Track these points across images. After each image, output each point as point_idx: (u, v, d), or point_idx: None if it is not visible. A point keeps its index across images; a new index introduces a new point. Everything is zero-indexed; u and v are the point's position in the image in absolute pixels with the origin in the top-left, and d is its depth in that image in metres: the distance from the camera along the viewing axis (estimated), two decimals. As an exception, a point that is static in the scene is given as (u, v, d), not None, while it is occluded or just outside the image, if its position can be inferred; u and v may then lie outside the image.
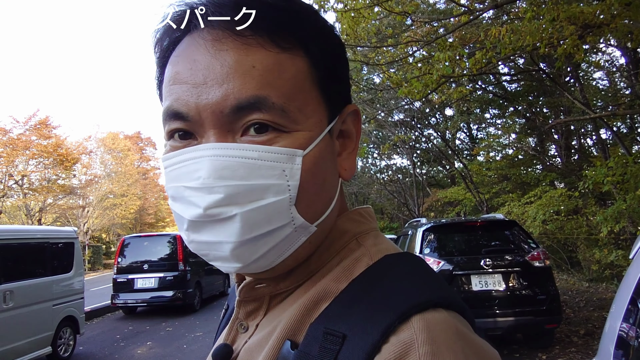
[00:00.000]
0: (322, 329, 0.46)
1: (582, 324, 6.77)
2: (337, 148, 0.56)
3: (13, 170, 24.27)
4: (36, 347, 6.17)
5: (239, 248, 0.49)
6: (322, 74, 0.52)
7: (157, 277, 10.57)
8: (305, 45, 0.51)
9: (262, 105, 0.47)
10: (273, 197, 0.48)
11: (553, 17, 6.37)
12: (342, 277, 0.52)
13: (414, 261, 0.54)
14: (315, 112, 0.51)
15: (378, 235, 0.58)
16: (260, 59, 0.48)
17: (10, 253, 6.01)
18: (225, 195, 0.47)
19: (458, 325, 0.45)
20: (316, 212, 0.52)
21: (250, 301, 0.57)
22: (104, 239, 36.29)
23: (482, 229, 6.30)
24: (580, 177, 11.05)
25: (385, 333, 0.42)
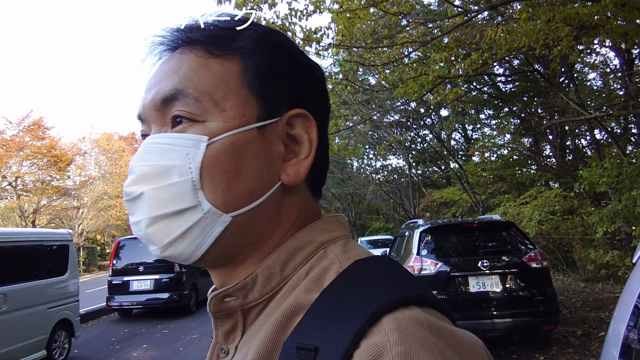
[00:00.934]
0: (295, 345, 0.45)
1: (579, 325, 6.78)
2: (280, 151, 0.57)
3: (7, 171, 24.14)
4: (31, 351, 6.12)
5: (151, 226, 0.53)
6: (254, 79, 0.57)
7: (152, 279, 10.51)
8: (240, 53, 0.57)
9: (180, 95, 0.54)
10: (177, 177, 0.53)
11: (549, 18, 6.38)
12: (313, 287, 0.52)
13: (385, 264, 0.53)
14: (237, 108, 0.55)
15: (348, 243, 0.58)
16: (189, 62, 0.57)
17: (4, 256, 5.96)
18: (137, 175, 0.54)
19: (431, 319, 0.43)
20: (227, 200, 0.54)
21: (224, 318, 0.58)
22: (98, 240, 36.12)
23: (479, 230, 6.29)
24: (575, 177, 11.09)
25: (355, 338, 0.41)
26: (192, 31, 0.58)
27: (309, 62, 0.63)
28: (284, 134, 0.58)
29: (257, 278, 0.55)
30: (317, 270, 0.53)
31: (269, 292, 0.55)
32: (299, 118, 0.58)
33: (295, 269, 0.55)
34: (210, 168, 0.53)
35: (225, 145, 0.53)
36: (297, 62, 0.61)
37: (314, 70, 0.63)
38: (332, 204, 29.48)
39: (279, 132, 0.57)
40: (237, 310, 0.56)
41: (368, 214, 33.29)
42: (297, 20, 7.35)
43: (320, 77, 0.63)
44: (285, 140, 0.58)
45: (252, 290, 0.55)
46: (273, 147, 0.57)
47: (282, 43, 0.61)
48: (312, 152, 0.58)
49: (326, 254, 0.55)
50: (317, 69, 0.63)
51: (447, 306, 0.49)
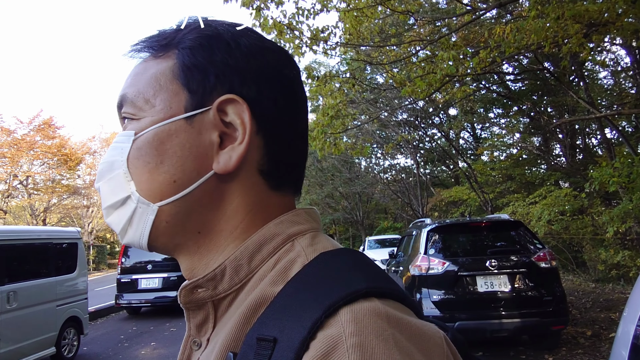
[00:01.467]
0: (255, 336, 0.46)
1: (589, 325, 6.71)
2: (212, 140, 0.57)
3: (17, 170, 24.37)
4: (40, 348, 6.17)
5: (108, 217, 0.60)
6: (182, 71, 0.58)
7: (161, 278, 10.57)
8: (177, 50, 0.60)
9: (123, 100, 0.60)
10: (116, 170, 0.58)
11: (558, 16, 6.32)
12: (278, 279, 0.52)
13: (350, 256, 0.53)
14: (165, 101, 0.57)
15: (316, 236, 0.58)
16: (134, 68, 0.62)
17: (14, 253, 6.01)
18: (98, 171, 0.61)
19: (390, 311, 0.43)
20: (151, 190, 0.56)
21: (194, 309, 0.58)
22: (108, 238, 36.39)
23: (488, 230, 6.24)
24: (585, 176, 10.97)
25: (312, 329, 0.42)
26: (150, 38, 0.63)
27: (257, 49, 0.61)
28: (219, 122, 0.57)
29: (226, 270, 0.56)
30: (283, 263, 0.54)
31: (237, 283, 0.55)
32: (230, 104, 0.57)
33: (262, 261, 0.55)
34: (134, 159, 0.57)
35: (148, 138, 0.57)
36: (238, 50, 0.60)
37: (264, 55, 0.61)
38: (340, 203, 29.45)
39: (211, 120, 0.57)
40: (207, 302, 0.57)
41: (376, 213, 33.21)
42: (305, 19, 7.34)
43: (273, 61, 0.61)
44: (223, 129, 0.57)
45: (221, 281, 0.56)
46: (204, 136, 0.56)
47: (220, 34, 0.60)
48: (245, 137, 0.56)
49: (293, 246, 0.56)
50: (270, 54, 0.61)
51: (410, 297, 0.49)
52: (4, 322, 5.55)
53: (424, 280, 5.68)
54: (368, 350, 0.39)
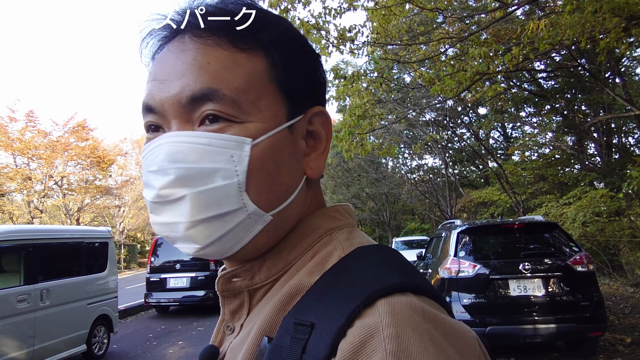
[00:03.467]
0: (292, 321, 0.47)
1: (628, 332, 6.42)
2: (303, 147, 0.59)
3: (53, 171, 25.10)
4: (72, 345, 6.29)
5: (191, 229, 0.52)
6: (281, 75, 0.56)
7: (188, 277, 10.70)
8: (265, 47, 0.56)
9: (213, 97, 0.52)
10: (222, 180, 0.51)
11: (595, 9, 6.07)
12: (315, 270, 0.54)
13: (385, 251, 0.55)
14: (270, 107, 0.55)
15: (353, 231, 0.60)
16: (216, 56, 0.53)
17: (47, 252, 6.15)
18: (175, 176, 0.51)
19: (426, 307, 0.44)
20: (269, 201, 0.54)
21: (230, 297, 0.59)
22: (138, 238, 37.19)
23: (521, 231, 6.03)
24: (622, 177, 10.56)
25: (349, 317, 0.43)
26: (212, 18, 0.55)
27: (317, 55, 0.63)
28: (305, 130, 0.59)
29: (265, 261, 0.57)
30: (321, 255, 0.55)
31: (274, 274, 0.57)
32: (319, 115, 0.60)
33: (301, 253, 0.57)
34: (255, 170, 0.53)
35: (265, 146, 0.53)
36: (313, 56, 0.62)
37: (320, 62, 0.63)
38: (367, 203, 29.25)
39: (301, 129, 0.59)
40: (243, 291, 0.58)
41: (403, 214, 32.85)
42: (332, 19, 7.29)
43: (323, 69, 0.64)
44: (304, 136, 0.59)
45: (259, 272, 0.57)
46: (298, 144, 0.58)
47: (300, 36, 0.61)
48: (327, 147, 0.61)
49: (331, 240, 0.57)
50: (320, 60, 0.63)
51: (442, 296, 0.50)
52: (38, 319, 5.67)
53: (454, 283, 5.52)
54: (404, 342, 0.40)
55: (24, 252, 5.72)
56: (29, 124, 23.57)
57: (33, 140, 23.62)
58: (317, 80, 0.62)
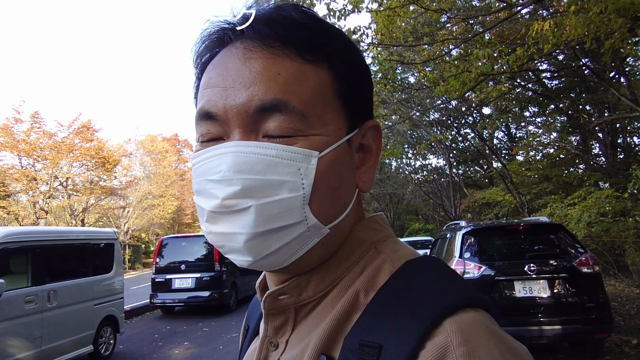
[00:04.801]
0: (357, 341, 0.48)
1: (634, 333, 6.40)
2: (356, 160, 0.59)
3: (58, 172, 25.22)
4: (79, 346, 6.34)
5: (251, 240, 0.52)
6: (344, 88, 0.56)
7: (194, 278, 10.73)
8: (330, 60, 0.56)
9: (283, 108, 0.51)
10: (287, 193, 0.51)
11: (600, 10, 6.06)
12: (369, 286, 0.54)
13: (434, 265, 0.56)
14: (334, 120, 0.55)
15: (396, 242, 0.61)
16: (286, 68, 0.53)
17: (54, 253, 6.19)
18: (242, 187, 0.51)
19: (488, 323, 0.47)
20: (329, 214, 0.54)
21: (276, 314, 0.59)
22: (143, 238, 37.28)
23: (526, 233, 6.03)
24: (627, 177, 10.53)
25: (421, 339, 0.44)
26: (284, 28, 0.55)
27: (369, 69, 0.63)
28: (358, 143, 0.59)
29: (312, 277, 0.57)
30: (370, 269, 0.56)
31: (322, 290, 0.57)
32: (372, 129, 0.61)
33: (348, 268, 0.57)
34: (320, 184, 0.52)
35: (330, 160, 0.53)
36: (368, 70, 0.62)
37: (371, 76, 0.63)
38: (371, 204, 29.25)
39: (356, 142, 0.59)
40: (290, 308, 0.58)
41: (407, 214, 32.83)
42: (336, 20, 7.29)
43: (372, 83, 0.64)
44: (357, 149, 0.60)
45: (306, 288, 0.57)
46: (354, 157, 0.59)
47: (359, 50, 0.62)
48: (376, 160, 0.61)
49: (377, 253, 0.58)
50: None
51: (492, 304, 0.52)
52: (45, 320, 5.72)
53: (459, 285, 5.52)
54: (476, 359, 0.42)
55: (32, 253, 5.77)
56: (34, 125, 23.71)
57: (38, 141, 23.75)
58: (370, 94, 0.62)
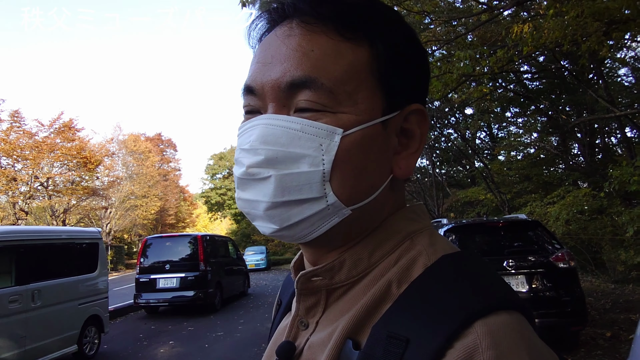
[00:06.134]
0: (385, 332, 0.47)
1: (608, 327, 6.62)
2: (394, 145, 0.57)
3: (39, 172, 24.84)
4: (63, 345, 6.31)
5: (271, 209, 0.54)
6: (383, 68, 0.55)
7: (178, 277, 10.71)
8: (370, 38, 0.55)
9: (312, 85, 0.52)
10: (307, 167, 0.52)
11: (577, 14, 6.25)
12: (402, 278, 0.53)
13: (471, 261, 0.54)
14: (367, 100, 0.54)
15: (433, 234, 0.58)
16: (320, 44, 0.53)
17: (37, 253, 6.15)
18: (265, 157, 0.53)
19: (522, 328, 0.46)
20: (352, 195, 0.54)
21: (308, 294, 0.59)
22: (125, 239, 36.87)
23: (505, 230, 6.20)
24: (604, 176, 10.81)
25: (449, 338, 0.43)
26: (321, 4, 0.55)
27: (425, 55, 0.61)
28: (399, 127, 0.57)
29: (345, 262, 0.57)
30: (404, 261, 0.54)
31: (354, 276, 0.56)
32: (415, 113, 0.58)
33: (382, 257, 0.56)
34: (342, 162, 0.52)
35: (356, 139, 0.53)
36: (419, 51, 0.59)
37: (427, 58, 0.61)
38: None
39: (396, 125, 0.57)
40: (322, 290, 0.58)
41: (391, 213, 32.98)
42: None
43: (428, 65, 0.62)
44: (398, 133, 0.58)
45: (339, 272, 0.57)
46: (390, 141, 0.57)
47: (409, 29, 0.59)
48: (421, 147, 0.58)
49: (413, 244, 0.56)
50: (427, 57, 0.61)
51: (527, 305, 0.51)
52: (29, 320, 5.69)
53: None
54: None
55: (15, 253, 5.74)
56: (14, 124, 23.34)
57: (18, 140, 23.39)
58: (420, 77, 0.60)
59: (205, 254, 10.99)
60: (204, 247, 11.13)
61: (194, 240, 11.37)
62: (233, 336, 8.31)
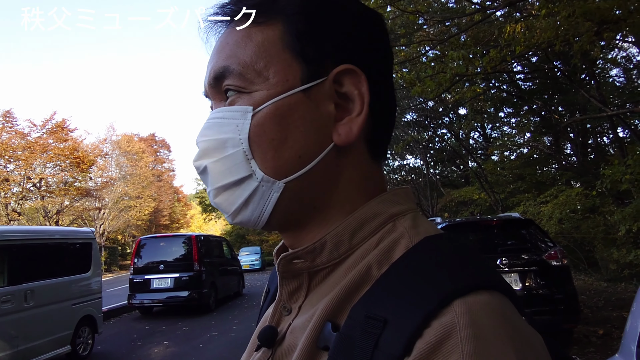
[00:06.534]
0: (363, 313, 0.47)
1: (601, 324, 6.67)
2: (329, 112, 0.56)
3: (31, 173, 24.69)
4: (56, 346, 6.28)
5: (217, 197, 0.57)
6: (297, 39, 0.55)
7: (172, 278, 10.68)
8: (283, 15, 0.56)
9: (226, 72, 0.56)
10: (231, 149, 0.55)
11: (569, 14, 6.29)
12: (383, 260, 0.52)
13: (453, 243, 0.53)
14: (279, 73, 0.55)
15: (417, 217, 0.57)
16: (233, 36, 0.57)
17: (30, 253, 6.12)
18: (200, 149, 0.58)
19: (502, 307, 0.44)
20: (277, 168, 0.55)
21: (290, 278, 0.59)
22: (119, 240, 36.70)
23: (498, 228, 6.24)
24: (597, 175, 10.90)
25: (427, 318, 0.42)
26: (239, 2, 0.58)
27: (365, 13, 0.60)
28: (333, 93, 0.56)
29: (326, 244, 0.56)
30: (386, 243, 0.54)
31: (336, 258, 0.56)
32: (347, 74, 0.56)
33: (363, 239, 0.55)
34: (257, 137, 0.54)
35: (269, 112, 0.54)
36: (348, 14, 0.58)
37: (370, 20, 0.60)
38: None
39: (326, 91, 0.56)
40: (303, 272, 0.58)
41: (386, 214, 33.08)
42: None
43: (378, 27, 0.60)
44: (337, 100, 0.56)
45: (320, 254, 0.56)
46: (321, 108, 0.55)
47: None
48: (364, 108, 0.56)
49: (395, 227, 0.55)
50: (375, 18, 0.60)
51: (513, 290, 0.49)
52: (22, 320, 5.66)
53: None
54: (481, 343, 0.39)
55: (8, 252, 5.71)
56: (6, 124, 23.19)
57: (10, 141, 23.24)
58: (350, 34, 0.57)
59: (199, 254, 10.97)
60: (198, 247, 11.10)
61: (188, 240, 11.34)
62: (227, 336, 8.30)
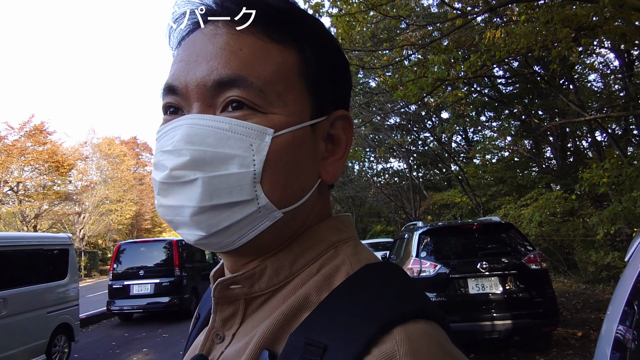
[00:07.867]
0: (302, 339, 0.46)
1: (580, 326, 6.76)
2: (322, 150, 0.57)
3: (8, 176, 24.18)
4: (31, 355, 6.11)
5: (198, 215, 0.50)
6: (311, 72, 0.55)
7: (153, 283, 10.51)
8: (298, 42, 0.55)
9: (240, 84, 0.50)
10: (237, 168, 0.50)
11: (547, 20, 6.39)
12: (323, 286, 0.52)
13: (393, 271, 0.54)
14: (296, 102, 0.53)
15: (357, 245, 0.58)
16: (249, 44, 0.52)
17: (4, 260, 5.95)
18: (190, 158, 0.50)
19: (439, 337, 0.46)
20: (283, 197, 0.52)
21: (225, 304, 0.57)
22: (100, 245, 36.12)
23: (479, 232, 6.27)
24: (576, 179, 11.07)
25: (367, 345, 0.42)
26: (247, 5, 0.54)
27: (346, 61, 0.62)
28: (326, 133, 0.58)
29: (266, 269, 0.55)
30: (327, 269, 0.53)
31: (275, 284, 0.55)
32: (341, 119, 0.59)
33: (305, 265, 0.55)
34: (273, 163, 0.51)
35: (287, 140, 0.52)
36: (343, 60, 0.61)
37: (348, 69, 0.62)
38: (333, 207, 29.23)
39: (323, 130, 0.57)
40: (240, 299, 0.56)
41: (369, 217, 33.25)
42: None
43: (350, 75, 0.63)
44: (325, 139, 0.58)
45: (259, 280, 0.55)
46: (319, 145, 0.57)
47: (333, 38, 0.60)
48: (346, 153, 0.59)
49: (337, 253, 0.55)
50: (349, 67, 0.63)
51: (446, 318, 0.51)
52: (-6, 329, 5.50)
53: (416, 283, 5.69)
54: None
55: (-20, 260, 5.54)
56: (-18, 127, 22.69)
57: (-14, 144, 22.74)
58: (344, 85, 0.61)
59: (180, 259, 10.82)
60: (179, 252, 10.95)
61: (169, 245, 11.18)
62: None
